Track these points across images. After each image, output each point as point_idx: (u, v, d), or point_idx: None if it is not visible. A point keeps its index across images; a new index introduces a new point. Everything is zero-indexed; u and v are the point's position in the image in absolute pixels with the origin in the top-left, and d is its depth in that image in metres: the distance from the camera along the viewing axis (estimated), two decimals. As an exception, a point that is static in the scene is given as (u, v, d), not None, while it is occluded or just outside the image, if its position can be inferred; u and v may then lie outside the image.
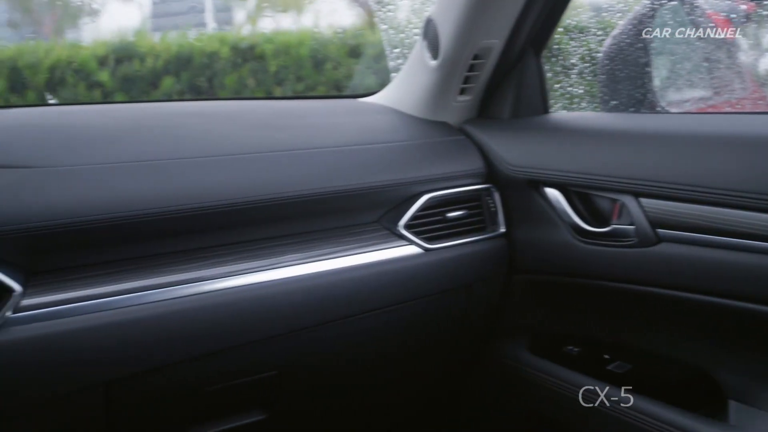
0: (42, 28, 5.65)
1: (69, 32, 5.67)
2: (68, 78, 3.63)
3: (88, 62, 3.63)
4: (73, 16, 5.74)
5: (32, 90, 3.57)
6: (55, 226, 1.20)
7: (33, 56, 3.60)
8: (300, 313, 1.41)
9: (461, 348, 1.81)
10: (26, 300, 1.18)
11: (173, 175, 1.32)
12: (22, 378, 1.17)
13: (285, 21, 5.68)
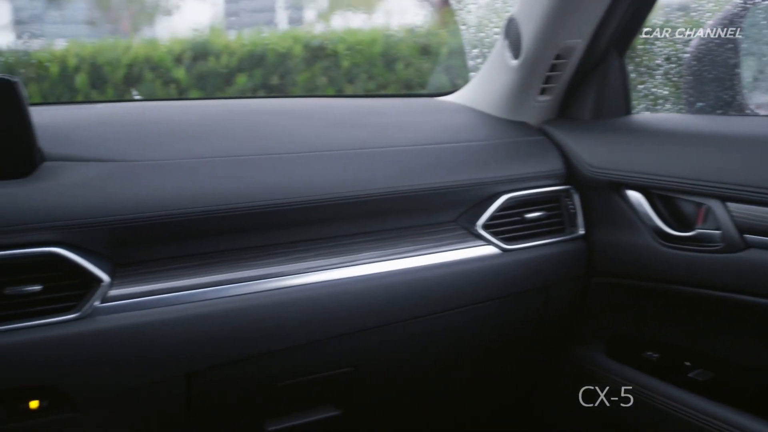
0: (119, 25, 5.80)
1: (145, 30, 5.80)
2: (146, 74, 3.71)
3: (165, 59, 3.71)
4: (149, 14, 5.87)
5: (111, 85, 3.66)
6: (141, 219, 1.23)
7: (113, 53, 3.69)
8: (376, 311, 1.41)
9: (536, 350, 1.80)
10: (113, 290, 1.21)
11: (255, 171, 1.34)
12: (107, 367, 1.20)
13: (356, 20, 5.71)
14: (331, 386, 1.48)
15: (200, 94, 3.78)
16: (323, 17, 5.65)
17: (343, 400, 1.52)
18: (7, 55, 3.70)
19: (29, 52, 3.62)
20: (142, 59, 3.71)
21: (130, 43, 3.87)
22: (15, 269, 1.16)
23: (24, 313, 1.16)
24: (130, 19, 5.76)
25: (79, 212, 1.19)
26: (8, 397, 1.16)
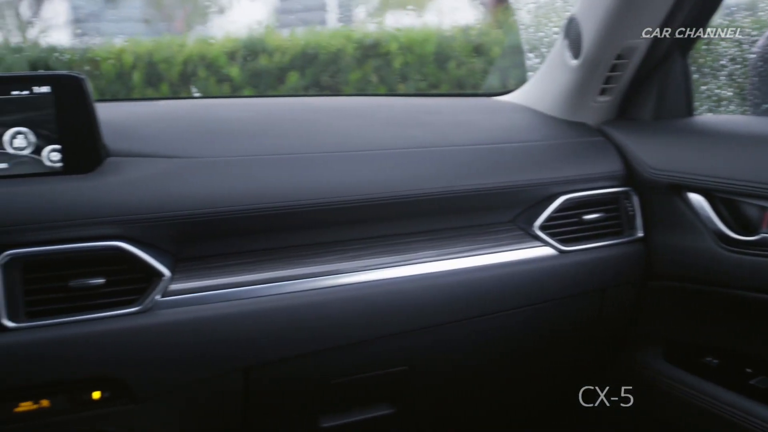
0: (173, 23, 5.87)
1: (198, 28, 5.87)
2: (200, 72, 3.76)
3: (219, 57, 3.75)
4: (202, 13, 5.93)
5: (167, 83, 3.71)
6: (201, 215, 1.25)
7: (168, 51, 3.74)
8: (431, 311, 1.41)
9: (591, 353, 1.78)
10: (173, 285, 1.23)
11: (312, 169, 1.35)
12: (167, 360, 1.22)
13: (406, 18, 5.71)
14: (386, 384, 1.48)
15: (253, 92, 3.81)
16: (374, 16, 5.66)
17: (397, 398, 1.52)
18: (67, 52, 3.77)
19: (88, 49, 3.69)
20: (196, 57, 3.75)
21: (184, 41, 3.91)
22: (80, 262, 1.18)
23: (87, 305, 1.18)
24: (184, 17, 5.84)
25: (142, 208, 1.21)
26: (72, 388, 1.18)
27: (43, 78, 1.21)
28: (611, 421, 1.85)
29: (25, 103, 1.20)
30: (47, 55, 3.72)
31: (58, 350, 1.15)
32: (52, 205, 1.18)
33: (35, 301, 1.16)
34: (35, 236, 1.16)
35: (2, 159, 1.20)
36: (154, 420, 1.26)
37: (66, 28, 5.50)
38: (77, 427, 1.21)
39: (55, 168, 1.22)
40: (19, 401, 1.16)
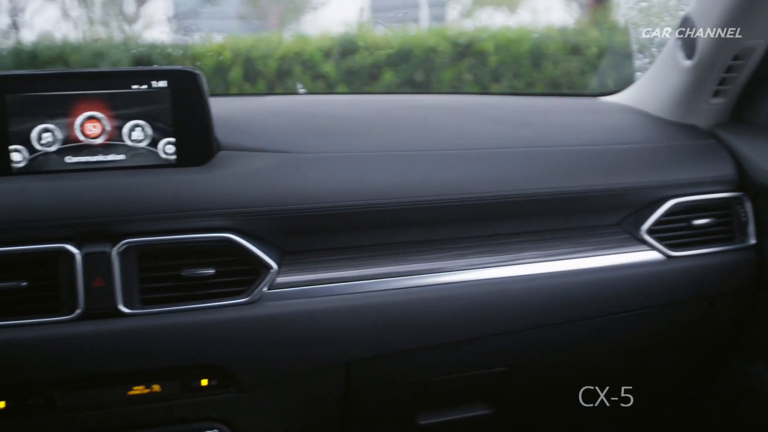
0: (268, 20, 5.97)
1: (292, 25, 5.95)
2: (295, 69, 3.80)
3: (315, 54, 3.78)
4: (296, 10, 6.01)
5: (263, 79, 3.77)
6: (310, 210, 1.26)
7: (266, 47, 3.79)
8: (535, 312, 1.39)
9: (694, 362, 1.73)
10: (280, 278, 1.25)
11: (420, 166, 1.34)
12: (273, 351, 1.24)
13: (499, 17, 5.66)
14: (485, 384, 1.47)
15: (347, 89, 3.83)
16: (468, 15, 5.63)
17: (495, 398, 1.51)
18: (168, 48, 3.87)
19: (189, 45, 3.78)
20: (293, 54, 3.79)
21: (281, 38, 3.97)
22: (191, 253, 1.21)
23: (197, 295, 1.21)
24: (279, 14, 5.92)
25: (252, 201, 1.23)
26: (181, 374, 1.21)
27: (161, 73, 1.25)
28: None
29: (144, 97, 1.24)
30: (150, 51, 3.82)
31: (170, 337, 1.19)
32: (167, 197, 1.21)
33: (149, 288, 1.20)
34: (150, 226, 1.20)
35: (120, 151, 1.24)
36: (258, 410, 1.28)
37: (166, 25, 5.65)
38: (186, 412, 1.24)
39: (170, 160, 1.25)
40: (132, 385, 1.20)
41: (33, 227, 1.16)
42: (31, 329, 1.14)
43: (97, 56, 3.77)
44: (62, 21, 5.83)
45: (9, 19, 5.47)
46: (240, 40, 3.88)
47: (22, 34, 5.30)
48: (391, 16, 5.83)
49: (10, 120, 1.20)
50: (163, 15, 6.00)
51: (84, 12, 5.72)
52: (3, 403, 1.15)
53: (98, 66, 3.71)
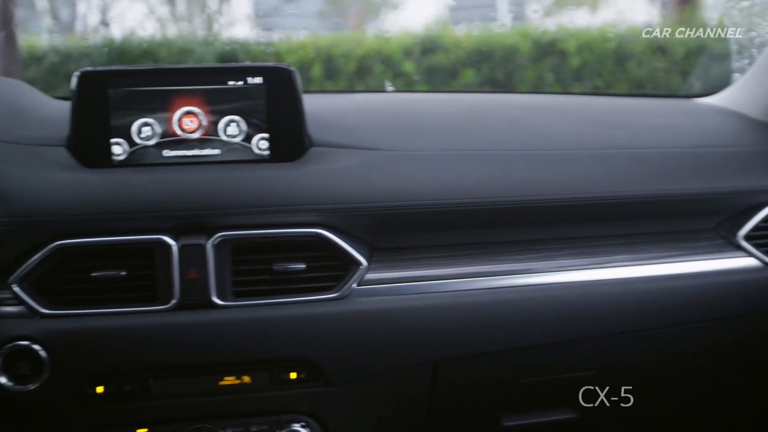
0: (347, 19, 6.02)
1: (371, 23, 5.98)
2: (376, 67, 3.81)
3: (395, 53, 3.79)
4: (375, 8, 6.04)
5: (343, 77, 3.80)
6: (400, 208, 1.26)
7: (347, 45, 3.82)
8: (625, 316, 1.37)
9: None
10: (369, 274, 1.26)
11: (512, 166, 1.34)
12: (361, 347, 1.25)
13: (581, 16, 5.58)
14: (573, 388, 1.45)
15: (427, 88, 3.83)
16: (548, 14, 5.57)
17: (582, 403, 1.49)
18: (251, 45, 3.93)
19: (271, 42, 3.83)
20: (373, 52, 3.81)
21: (362, 36, 3.99)
22: (283, 247, 1.23)
23: (288, 289, 1.23)
24: (358, 12, 5.96)
25: (343, 197, 1.24)
26: (271, 366, 1.23)
27: (256, 69, 1.27)
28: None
29: (239, 92, 1.27)
30: (233, 48, 3.89)
31: (260, 330, 1.21)
32: (260, 192, 1.23)
33: (241, 281, 1.22)
34: (243, 220, 1.22)
35: (216, 145, 1.27)
36: (345, 405, 1.29)
37: (248, 23, 5.75)
38: (274, 404, 1.26)
39: (263, 156, 1.28)
40: (224, 375, 1.22)
41: (132, 218, 1.19)
42: (128, 318, 1.18)
43: (182, 53, 3.86)
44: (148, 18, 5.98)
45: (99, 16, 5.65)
46: (321, 38, 3.92)
47: (110, 30, 5.47)
48: (469, 14, 5.82)
49: (112, 114, 1.23)
50: (245, 13, 6.11)
51: (169, 9, 5.86)
52: (102, 388, 1.19)
53: (184, 62, 3.80)
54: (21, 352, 1.14)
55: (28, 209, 1.17)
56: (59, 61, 3.81)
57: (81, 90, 1.23)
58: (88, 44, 4.10)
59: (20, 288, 1.16)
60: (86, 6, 5.63)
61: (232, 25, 5.76)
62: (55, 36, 4.96)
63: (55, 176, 1.20)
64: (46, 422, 1.20)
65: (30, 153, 1.23)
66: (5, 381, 1.13)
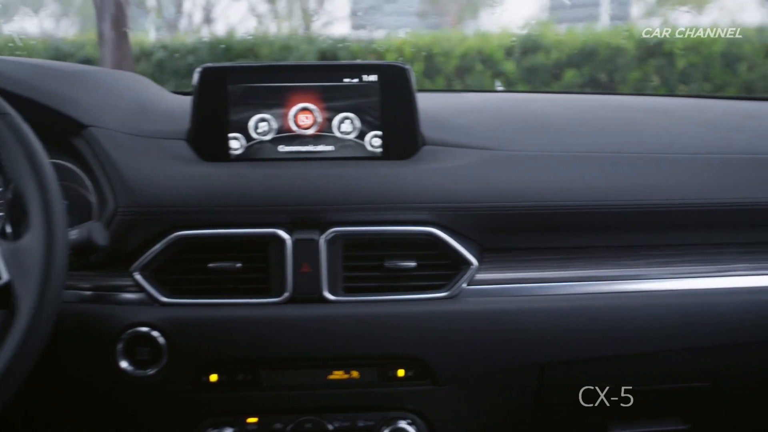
0: (445, 17, 6.01)
1: (469, 22, 5.96)
2: (476, 66, 3.80)
3: (496, 52, 3.78)
4: (474, 7, 6.02)
5: (442, 76, 3.80)
6: (513, 208, 1.25)
7: (446, 44, 3.82)
8: (745, 327, 1.31)
9: None
10: (479, 274, 1.25)
11: (631, 169, 1.30)
12: (470, 347, 1.24)
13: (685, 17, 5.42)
14: (684, 399, 1.41)
15: (527, 88, 3.80)
16: (651, 14, 5.43)
17: (693, 414, 1.44)
18: (351, 43, 3.97)
19: (371, 40, 3.86)
20: (473, 51, 3.80)
21: (463, 35, 3.98)
22: (394, 245, 1.24)
23: (398, 286, 1.23)
24: (457, 11, 5.95)
25: (456, 196, 1.24)
26: (380, 362, 1.24)
27: (371, 67, 1.27)
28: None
29: (354, 90, 1.27)
30: (334, 45, 3.94)
31: (370, 326, 1.21)
32: (373, 189, 1.24)
33: (352, 277, 1.23)
34: (356, 216, 1.23)
35: (330, 142, 1.28)
36: (451, 405, 1.29)
37: (347, 21, 5.81)
38: (381, 400, 1.26)
39: (376, 153, 1.28)
40: (333, 369, 1.24)
41: (248, 212, 1.22)
42: (242, 309, 1.20)
43: (284, 50, 3.93)
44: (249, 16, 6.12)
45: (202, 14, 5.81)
46: (421, 36, 3.94)
47: (213, 28, 5.62)
48: (570, 13, 5.73)
49: (230, 109, 1.26)
50: (343, 11, 6.18)
51: (270, 7, 5.98)
52: (215, 376, 1.22)
53: (285, 59, 3.87)
54: (141, 338, 1.18)
55: (150, 200, 1.20)
56: (166, 57, 3.93)
57: (202, 85, 1.26)
58: (193, 41, 4.22)
59: (141, 276, 1.20)
60: (191, 4, 5.79)
61: (331, 23, 5.83)
62: (161, 33, 5.13)
63: (176, 169, 1.24)
64: (163, 408, 1.24)
65: (152, 146, 1.26)
66: (126, 365, 1.17)
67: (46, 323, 0.93)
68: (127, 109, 1.32)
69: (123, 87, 1.40)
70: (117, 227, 1.20)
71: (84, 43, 4.04)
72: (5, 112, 0.98)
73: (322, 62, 1.33)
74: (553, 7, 5.84)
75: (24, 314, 0.91)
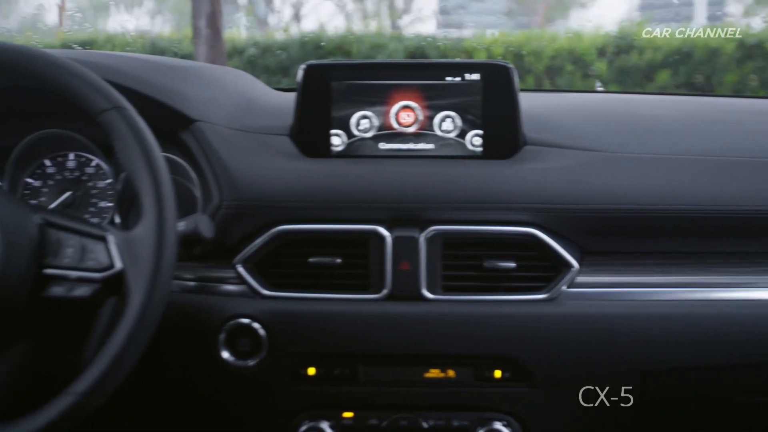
0: (533, 17, 5.95)
1: (558, 22, 5.89)
2: (566, 66, 3.75)
3: (587, 52, 3.71)
4: (563, 7, 5.94)
5: (532, 75, 3.76)
6: (617, 211, 1.22)
7: (537, 44, 3.78)
8: None
9: None
10: (579, 277, 1.22)
11: (738, 173, 1.26)
12: (569, 351, 1.22)
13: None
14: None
15: (618, 89, 3.73)
16: (749, 13, 5.26)
17: None
18: (440, 41, 3.97)
19: (461, 39, 3.85)
20: (564, 51, 3.75)
21: (554, 35, 3.93)
22: (493, 245, 1.22)
23: (497, 286, 1.22)
24: (545, 11, 5.89)
25: (558, 197, 1.22)
26: (476, 362, 1.23)
27: (474, 66, 1.26)
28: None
29: (456, 88, 1.27)
30: (423, 43, 3.94)
31: (468, 325, 1.20)
32: (473, 188, 1.23)
33: (451, 276, 1.22)
34: (456, 215, 1.22)
35: (430, 140, 1.28)
36: (548, 409, 1.27)
37: (433, 19, 5.82)
38: (477, 401, 1.25)
39: (476, 152, 1.27)
40: (429, 367, 1.23)
41: (349, 208, 1.22)
42: (341, 304, 1.21)
43: (374, 48, 3.95)
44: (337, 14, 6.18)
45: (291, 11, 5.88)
46: (511, 35, 3.90)
47: (302, 25, 5.69)
48: (663, 13, 5.60)
49: (333, 106, 1.27)
50: (430, 10, 6.18)
51: (358, 6, 6.02)
52: (313, 370, 1.23)
53: (375, 57, 3.89)
54: (242, 330, 1.20)
55: (254, 194, 1.22)
56: (258, 54, 4.00)
57: (306, 81, 1.27)
58: (284, 38, 4.28)
59: (244, 268, 1.22)
60: (280, 1, 5.88)
61: (418, 22, 5.84)
62: (251, 30, 5.22)
63: (279, 164, 1.25)
64: (261, 399, 1.26)
65: (256, 141, 1.28)
66: (227, 356, 1.19)
67: (156, 311, 0.95)
68: (232, 104, 1.34)
69: (228, 82, 1.43)
70: (221, 220, 1.22)
71: (179, 39, 4.14)
72: (121, 105, 1.01)
73: (424, 60, 1.33)
74: (644, 6, 5.72)
75: (135, 301, 0.94)
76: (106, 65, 1.24)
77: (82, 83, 1.02)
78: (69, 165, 1.34)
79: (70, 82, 1.02)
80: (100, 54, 1.40)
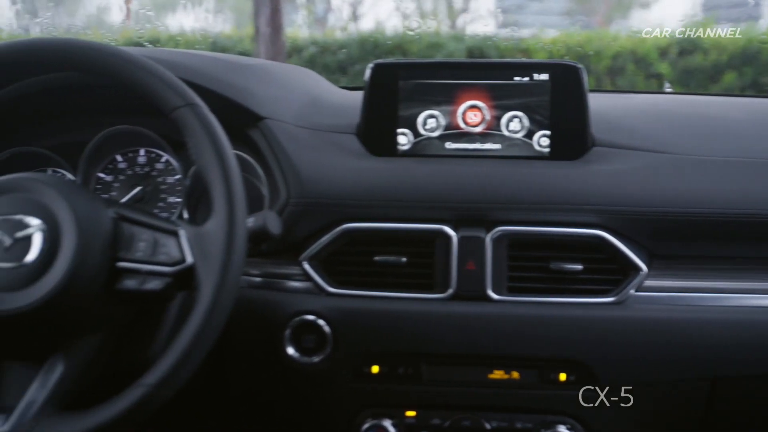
0: (593, 17, 5.87)
1: (618, 22, 5.81)
2: (628, 67, 3.69)
3: (650, 53, 3.66)
4: (625, 7, 5.85)
5: (593, 76, 3.71)
6: (687, 215, 1.20)
7: (599, 44, 3.73)
8: None
9: None
10: (648, 281, 1.20)
11: None
12: (635, 355, 1.20)
13: None
14: None
15: (681, 90, 3.66)
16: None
17: None
18: (500, 41, 3.94)
19: (521, 39, 3.82)
20: (626, 52, 3.69)
21: (616, 35, 3.88)
22: (560, 246, 1.21)
23: (563, 289, 1.21)
24: (605, 11, 5.81)
25: (627, 200, 1.20)
26: (541, 365, 1.22)
27: (543, 66, 1.26)
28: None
29: (524, 89, 1.26)
30: (482, 43, 3.92)
31: (533, 327, 1.20)
32: (540, 189, 1.22)
33: (516, 277, 1.21)
34: (522, 216, 1.21)
35: (497, 140, 1.27)
36: (613, 414, 1.25)
37: (492, 19, 5.79)
38: (541, 403, 1.24)
39: (543, 153, 1.26)
40: (493, 368, 1.23)
41: (415, 207, 1.22)
42: (406, 303, 1.21)
43: (432, 47, 3.95)
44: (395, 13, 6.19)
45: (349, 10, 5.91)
46: (572, 35, 3.86)
47: (360, 24, 5.71)
48: (726, 13, 5.49)
49: (400, 105, 1.28)
50: (488, 9, 6.15)
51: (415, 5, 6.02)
52: (377, 368, 1.24)
53: (434, 56, 3.88)
54: (307, 326, 1.21)
55: (321, 192, 1.23)
56: (317, 52, 4.03)
57: (374, 80, 1.28)
58: (343, 37, 4.30)
59: (310, 266, 1.23)
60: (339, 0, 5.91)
61: (476, 21, 5.82)
62: (311, 29, 5.26)
63: (345, 162, 1.26)
64: (325, 396, 1.27)
65: (323, 139, 1.29)
66: (293, 352, 1.21)
67: (226, 305, 0.97)
68: (299, 102, 1.35)
69: (295, 80, 1.44)
70: (288, 217, 1.23)
71: (241, 38, 4.20)
72: (194, 102, 1.03)
73: (492, 60, 1.32)
74: (708, 6, 5.60)
75: (206, 296, 0.95)
76: (177, 62, 1.26)
77: (156, 80, 1.04)
78: (140, 160, 1.37)
79: (144, 79, 1.04)
80: (171, 51, 1.43)
